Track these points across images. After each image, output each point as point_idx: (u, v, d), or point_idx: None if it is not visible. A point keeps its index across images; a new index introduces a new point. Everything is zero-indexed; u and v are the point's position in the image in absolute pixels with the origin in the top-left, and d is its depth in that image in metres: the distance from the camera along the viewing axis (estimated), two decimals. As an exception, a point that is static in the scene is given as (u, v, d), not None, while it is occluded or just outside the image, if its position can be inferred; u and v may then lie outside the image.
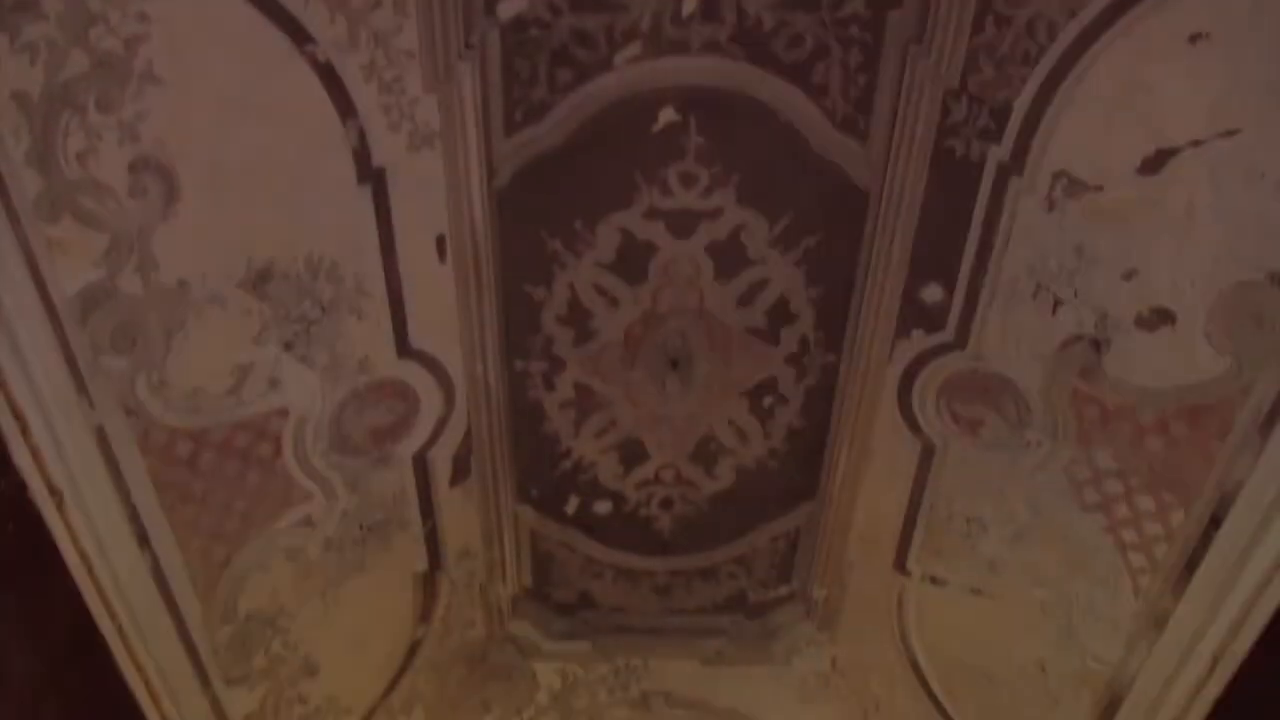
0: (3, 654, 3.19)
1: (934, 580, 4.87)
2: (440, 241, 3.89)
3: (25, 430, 3.04)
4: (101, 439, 3.33)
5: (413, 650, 5.17)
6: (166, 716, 4.04)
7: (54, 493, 3.22)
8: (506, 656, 5.53)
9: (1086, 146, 3.41)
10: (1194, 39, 3.07)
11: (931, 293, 4.03)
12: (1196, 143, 3.21)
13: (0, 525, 3.07)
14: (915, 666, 5.22)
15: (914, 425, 4.41)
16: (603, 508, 4.97)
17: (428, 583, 4.97)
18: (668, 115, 3.66)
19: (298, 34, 3.17)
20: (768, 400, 4.53)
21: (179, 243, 3.25)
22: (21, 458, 3.08)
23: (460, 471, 4.65)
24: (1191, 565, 3.81)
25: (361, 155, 3.50)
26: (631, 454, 4.75)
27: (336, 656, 4.80)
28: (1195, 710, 4.01)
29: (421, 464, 4.49)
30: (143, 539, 3.63)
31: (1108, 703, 4.43)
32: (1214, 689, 3.91)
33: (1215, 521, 3.66)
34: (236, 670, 4.37)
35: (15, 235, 2.83)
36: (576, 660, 5.65)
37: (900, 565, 4.91)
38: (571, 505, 4.97)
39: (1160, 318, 3.54)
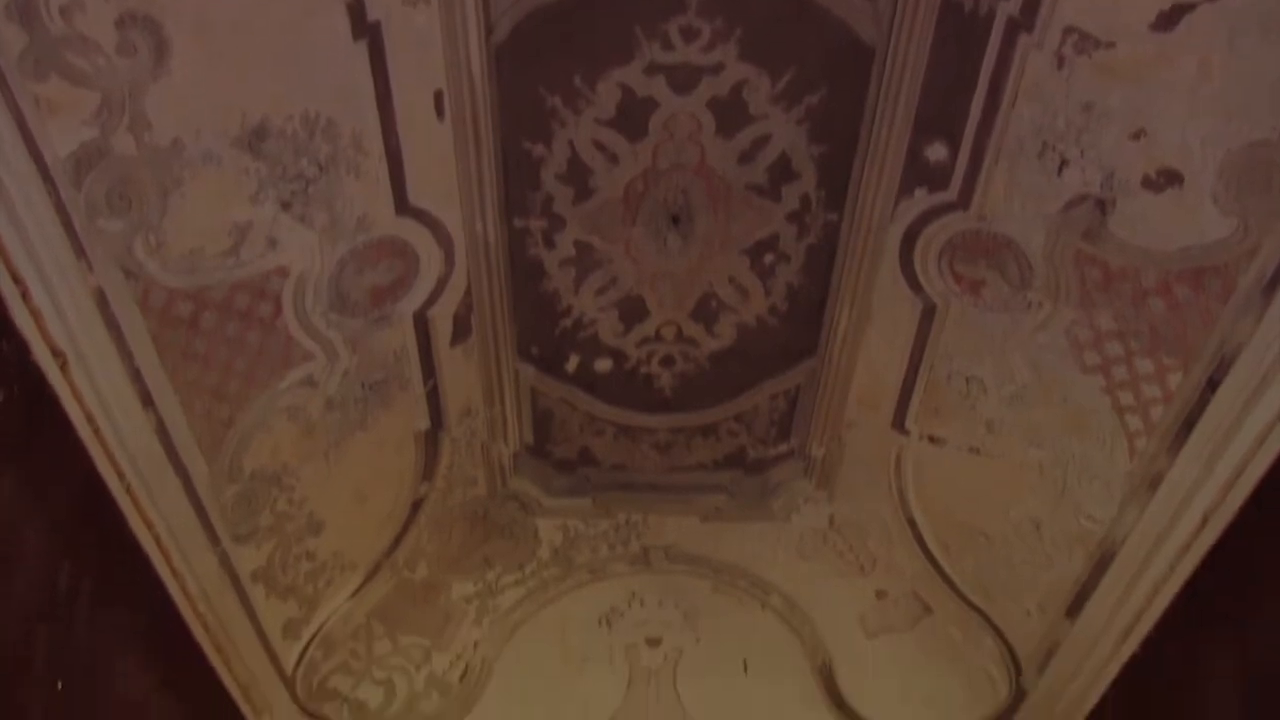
0: (15, 516, 3.24)
1: (932, 439, 4.93)
2: (438, 97, 3.82)
3: (25, 294, 3.04)
4: (101, 301, 3.33)
5: (416, 507, 5.27)
6: (178, 572, 4.14)
7: (57, 355, 3.23)
8: (508, 513, 5.63)
9: (1099, 1, 3.32)
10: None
11: (936, 151, 3.98)
12: (1214, -4, 3.12)
13: (5, 388, 3.08)
14: (912, 524, 5.33)
15: (915, 284, 4.40)
16: (603, 365, 5.01)
17: (430, 441, 5.03)
18: (670, -34, 3.57)
19: (288, -121, 3.07)
20: (769, 258, 4.52)
21: (171, 101, 3.18)
22: (23, 321, 3.08)
23: (461, 330, 4.66)
24: (1187, 427, 3.85)
25: (356, 9, 3.40)
26: (632, 311, 4.76)
27: (341, 514, 4.89)
28: (1184, 565, 4.10)
29: (422, 322, 4.50)
30: (146, 399, 3.66)
31: (1099, 559, 4.53)
32: (1203, 545, 3.99)
33: (1213, 384, 3.68)
34: (243, 527, 4.46)
35: (2, 95, 2.77)
36: (577, 516, 5.76)
37: (899, 424, 4.96)
38: (572, 363, 5.00)
39: (1168, 178, 3.49)
